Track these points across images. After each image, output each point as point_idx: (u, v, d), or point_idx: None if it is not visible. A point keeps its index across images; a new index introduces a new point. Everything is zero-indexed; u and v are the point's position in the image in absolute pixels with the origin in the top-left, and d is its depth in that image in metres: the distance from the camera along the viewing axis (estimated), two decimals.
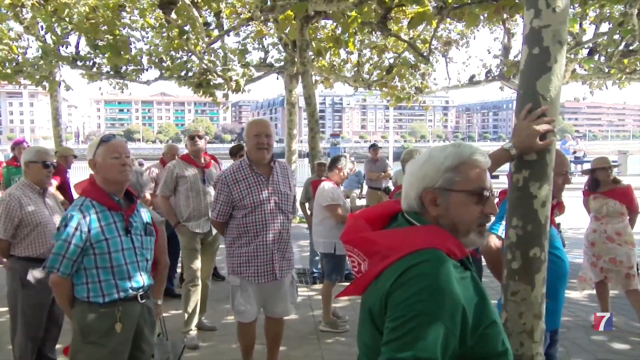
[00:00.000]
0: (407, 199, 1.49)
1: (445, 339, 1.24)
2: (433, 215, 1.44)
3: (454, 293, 1.28)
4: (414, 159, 1.54)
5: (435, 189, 1.43)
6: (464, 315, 1.28)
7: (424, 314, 1.24)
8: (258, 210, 3.54)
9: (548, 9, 2.01)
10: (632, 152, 35.21)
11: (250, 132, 3.63)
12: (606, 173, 5.21)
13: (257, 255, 3.55)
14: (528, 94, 2.03)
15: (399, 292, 1.30)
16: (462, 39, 12.48)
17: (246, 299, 3.62)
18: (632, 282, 5.01)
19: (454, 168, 1.43)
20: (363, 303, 1.48)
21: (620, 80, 10.89)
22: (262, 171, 3.63)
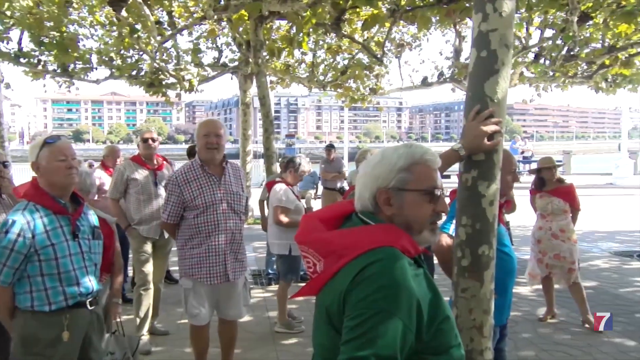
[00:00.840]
0: (361, 199, 1.51)
1: (403, 335, 1.26)
2: (387, 214, 1.47)
3: (410, 290, 1.30)
4: (367, 160, 1.55)
5: (389, 189, 1.45)
6: (419, 312, 1.31)
7: (382, 311, 1.26)
8: (210, 211, 3.50)
9: (495, 13, 2.07)
10: (575, 152, 36.79)
11: (200, 132, 3.60)
12: (551, 172, 5.41)
13: (209, 257, 3.51)
14: (476, 95, 2.09)
15: (357, 291, 1.31)
16: (415, 41, 12.69)
17: (199, 301, 3.57)
18: (574, 277, 5.23)
19: (406, 168, 1.46)
20: (319, 303, 1.49)
21: (563, 83, 11.33)
22: (214, 172, 3.60)
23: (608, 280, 6.93)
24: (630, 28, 8.66)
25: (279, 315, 5.25)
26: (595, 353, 4.54)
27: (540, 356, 4.52)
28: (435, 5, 6.40)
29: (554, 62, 9.90)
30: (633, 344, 4.75)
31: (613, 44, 9.65)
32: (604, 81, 11.60)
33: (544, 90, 11.89)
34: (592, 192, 17.65)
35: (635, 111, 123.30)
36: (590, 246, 9.07)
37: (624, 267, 7.67)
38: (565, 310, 5.57)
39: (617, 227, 11.05)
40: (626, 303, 5.94)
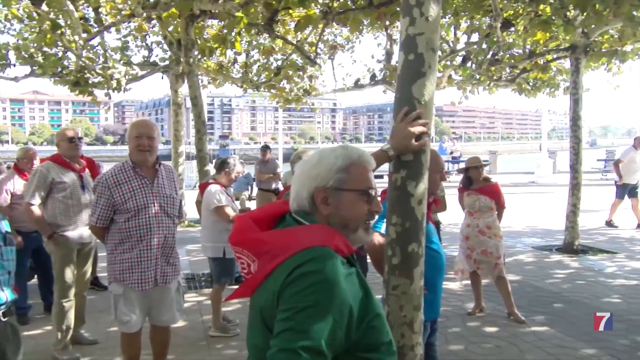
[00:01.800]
0: (297, 199, 1.52)
1: (332, 330, 1.28)
2: (324, 214, 1.49)
3: (342, 288, 1.32)
4: (304, 160, 1.56)
5: (327, 188, 1.48)
6: (350, 310, 1.33)
7: (313, 305, 1.28)
8: (142, 214, 3.39)
9: (422, 18, 2.13)
10: (501, 152, 38.52)
11: (131, 133, 3.47)
12: (478, 171, 5.63)
13: (140, 261, 3.40)
14: (404, 97, 2.14)
15: (290, 288, 1.32)
16: (348, 43, 12.87)
17: (130, 307, 3.44)
18: (499, 271, 5.47)
19: (344, 169, 1.50)
20: (253, 304, 1.48)
21: (489, 86, 11.85)
22: (147, 174, 3.48)
23: (530, 273, 7.30)
24: (546, 35, 9.17)
25: (213, 319, 5.16)
26: (520, 343, 4.77)
27: (470, 349, 4.70)
28: (367, 8, 6.51)
29: (480, 66, 10.33)
30: (552, 332, 5.03)
31: (532, 50, 10.19)
32: (526, 84, 12.24)
33: (471, 93, 12.37)
34: (516, 190, 18.56)
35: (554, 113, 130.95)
36: (514, 242, 9.52)
37: (544, 260, 8.11)
38: (492, 304, 5.81)
39: (539, 223, 11.67)
40: (546, 294, 6.28)
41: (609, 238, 9.88)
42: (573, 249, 8.54)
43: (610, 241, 9.55)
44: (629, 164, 10.76)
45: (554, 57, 10.48)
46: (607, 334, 4.91)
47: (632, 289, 6.46)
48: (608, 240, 9.62)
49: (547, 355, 4.50)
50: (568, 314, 5.56)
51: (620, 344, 4.72)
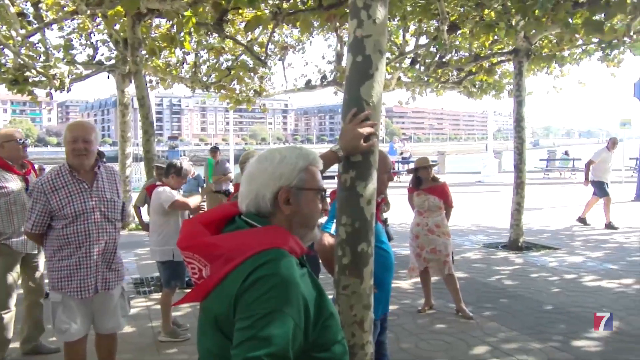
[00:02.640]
0: (257, 200, 1.50)
1: (294, 333, 1.29)
2: (286, 213, 1.50)
3: (299, 290, 1.33)
4: (262, 160, 1.54)
5: (291, 188, 1.49)
6: (307, 310, 1.35)
7: (273, 311, 1.28)
8: (80, 220, 3.25)
9: (369, 20, 2.16)
10: (449, 152, 39.49)
11: (67, 136, 3.30)
12: (427, 172, 5.75)
13: (79, 268, 3.26)
14: (353, 99, 2.16)
15: (249, 293, 1.31)
16: (299, 44, 12.88)
17: (69, 315, 3.30)
18: (448, 268, 5.61)
19: (305, 168, 1.52)
20: (205, 309, 1.46)
21: (437, 88, 12.12)
22: (85, 177, 3.33)
23: (478, 270, 7.52)
24: (490, 39, 9.47)
25: (163, 324, 5.05)
26: (468, 338, 4.90)
27: (420, 346, 4.78)
28: (317, 10, 6.54)
29: (428, 68, 10.56)
30: (498, 326, 5.19)
31: (478, 53, 10.50)
32: (472, 86, 12.60)
33: (420, 95, 12.62)
34: (464, 189, 19.06)
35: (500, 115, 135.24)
36: (462, 240, 9.78)
37: (491, 257, 8.36)
38: (442, 301, 5.94)
39: (485, 221, 12.03)
40: (493, 290, 6.48)
41: (550, 235, 10.29)
42: (518, 246, 8.85)
43: (552, 238, 9.95)
44: (601, 164, 10.92)
45: (498, 61, 10.83)
46: (549, 327, 5.12)
47: (571, 282, 6.75)
48: (550, 237, 10.02)
49: (493, 349, 4.64)
50: (513, 308, 5.76)
51: (559, 334, 4.92)
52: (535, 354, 4.51)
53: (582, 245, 9.15)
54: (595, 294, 6.21)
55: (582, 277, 6.99)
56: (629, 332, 4.98)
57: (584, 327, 5.11)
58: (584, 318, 5.36)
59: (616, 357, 4.42)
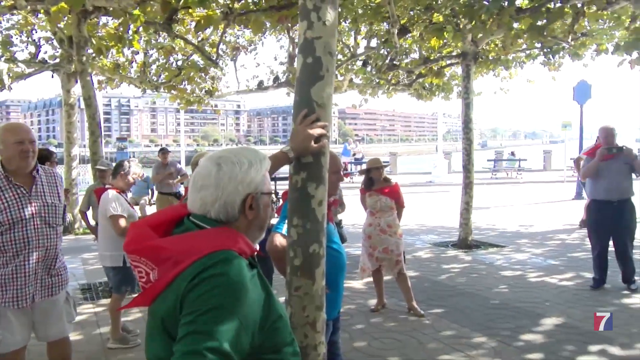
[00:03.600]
0: (225, 207, 1.46)
1: (238, 333, 1.27)
2: (250, 218, 1.48)
3: (247, 291, 1.32)
4: (230, 165, 1.47)
5: (256, 194, 1.48)
6: (255, 312, 1.34)
7: (218, 307, 1.26)
8: (18, 227, 3.06)
9: (319, 22, 2.17)
10: (400, 153, 40.11)
11: (8, 139, 3.10)
12: (379, 172, 5.82)
13: (16, 278, 3.08)
14: (303, 100, 2.16)
15: (194, 291, 1.29)
16: (251, 45, 12.79)
17: (6, 326, 3.12)
18: (400, 268, 5.70)
19: (264, 172, 1.51)
20: (153, 313, 1.43)
21: (388, 90, 12.30)
22: (22, 182, 3.15)
23: (429, 269, 7.67)
24: (440, 42, 9.69)
25: (112, 330, 4.91)
26: (419, 336, 4.99)
27: (373, 344, 4.84)
28: (268, 11, 6.52)
29: (379, 70, 10.70)
30: (449, 323, 5.31)
31: (427, 56, 10.72)
32: (422, 88, 12.85)
33: (371, 96, 12.77)
34: (415, 189, 19.42)
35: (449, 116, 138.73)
36: (414, 239, 9.96)
37: (441, 256, 8.55)
38: (394, 300, 6.03)
39: (436, 221, 12.29)
40: (443, 288, 6.63)
41: (498, 233, 10.62)
42: (467, 245, 9.08)
43: (499, 236, 10.27)
44: None
45: (447, 63, 11.10)
46: (496, 322, 5.28)
47: (517, 279, 6.99)
48: (497, 235, 10.33)
49: (444, 346, 4.74)
50: (462, 305, 5.90)
51: (506, 329, 5.08)
52: (485, 349, 4.65)
53: (527, 243, 9.48)
54: (539, 289, 6.45)
55: (527, 274, 7.24)
56: (570, 324, 5.20)
57: (529, 321, 5.31)
58: (529, 312, 5.56)
59: (558, 348, 4.61)
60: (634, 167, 6.24)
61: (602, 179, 6.25)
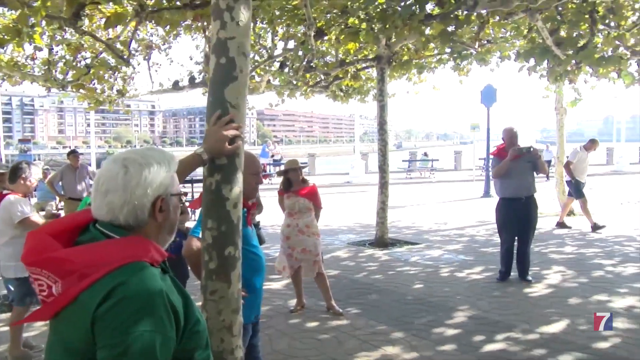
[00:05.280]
0: (134, 211, 1.39)
1: (168, 348, 1.26)
2: (159, 221, 1.43)
3: (166, 302, 1.28)
4: (138, 167, 1.41)
5: (166, 195, 1.44)
6: (177, 320, 1.31)
7: (144, 333, 1.22)
8: None
9: (233, 22, 2.14)
10: (319, 154, 40.56)
11: None
12: (296, 174, 5.84)
13: None
14: (217, 101, 2.13)
15: (111, 316, 1.23)
16: (165, 43, 12.40)
17: None
18: (319, 267, 5.75)
19: (173, 174, 1.47)
20: (56, 329, 1.35)
21: (305, 92, 12.38)
22: None
23: (347, 268, 7.80)
24: (356, 45, 9.90)
25: (10, 348, 4.56)
26: (338, 334, 5.07)
27: (293, 345, 4.85)
28: (182, 9, 6.35)
29: (296, 72, 10.75)
30: (366, 320, 5.43)
31: (344, 59, 10.91)
32: (339, 91, 13.05)
33: (289, 97, 12.80)
34: (333, 190, 19.71)
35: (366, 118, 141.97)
36: (332, 239, 10.09)
37: (359, 255, 8.72)
38: (313, 300, 6.07)
39: (354, 220, 12.53)
40: (361, 286, 6.77)
41: (413, 231, 11.00)
42: (383, 243, 9.33)
43: (414, 234, 10.64)
44: (579, 164, 10.47)
45: (363, 66, 11.34)
46: (411, 317, 5.47)
47: (431, 274, 7.27)
48: (412, 233, 10.70)
49: (362, 343, 4.84)
50: (380, 302, 6.06)
51: (421, 323, 5.28)
52: (401, 343, 4.79)
53: (440, 240, 9.90)
54: (451, 284, 6.75)
55: (441, 269, 7.56)
56: (479, 315, 5.49)
57: (443, 314, 5.54)
58: (442, 306, 5.81)
59: (469, 338, 4.85)
60: (537, 166, 6.70)
61: (511, 178, 6.64)
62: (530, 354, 4.51)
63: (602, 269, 7.27)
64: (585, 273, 7.06)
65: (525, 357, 4.46)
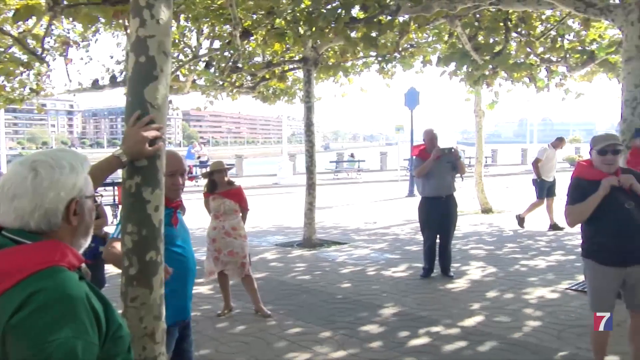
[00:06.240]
0: (47, 215, 1.33)
1: (92, 353, 1.21)
2: (74, 224, 1.38)
3: (88, 307, 1.24)
4: (49, 169, 1.34)
5: (80, 197, 1.38)
6: (99, 325, 1.26)
7: (67, 338, 1.17)
8: None
9: (152, 20, 2.08)
10: (247, 156, 40.24)
11: None
12: (222, 175, 5.76)
13: None
14: (136, 101, 2.06)
15: (28, 325, 1.17)
16: (83, 40, 11.84)
17: None
18: (246, 270, 5.70)
19: (86, 175, 1.42)
20: None
21: (232, 92, 12.24)
22: None
23: (275, 269, 7.79)
24: (282, 47, 9.91)
25: None
26: (266, 337, 5.05)
27: (220, 350, 4.78)
28: (101, 5, 6.09)
29: (222, 72, 10.59)
30: (295, 321, 5.45)
31: (271, 60, 10.88)
32: (266, 91, 13.00)
33: (215, 98, 12.61)
34: (261, 191, 19.62)
35: (294, 119, 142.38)
36: (260, 241, 10.03)
37: (287, 256, 8.73)
38: (241, 302, 6.01)
39: (282, 222, 12.53)
40: (289, 287, 6.78)
41: (340, 231, 11.14)
42: (311, 243, 9.39)
43: (341, 234, 10.78)
44: (546, 162, 10.22)
45: (289, 68, 11.37)
46: (339, 316, 5.55)
47: (358, 273, 7.40)
48: (340, 233, 10.84)
49: (290, 344, 4.85)
50: (308, 302, 6.09)
51: (349, 322, 5.36)
52: (329, 343, 4.84)
53: (367, 239, 10.09)
54: (378, 282, 6.90)
55: (367, 268, 7.71)
56: (404, 312, 5.65)
57: (369, 312, 5.66)
58: (369, 304, 5.93)
59: (394, 334, 4.98)
60: (456, 166, 6.99)
61: (432, 178, 6.89)
62: (452, 346, 4.70)
63: (517, 263, 7.70)
64: (502, 268, 7.44)
65: (447, 350, 4.64)
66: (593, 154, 3.75)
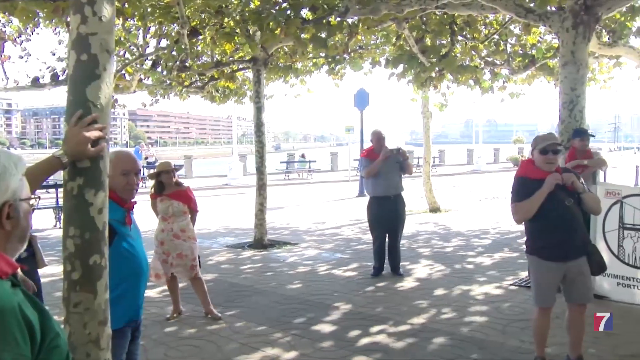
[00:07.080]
0: None
1: None
2: (8, 229, 1.31)
3: (19, 318, 1.18)
4: None
5: (14, 200, 1.32)
6: (32, 336, 1.21)
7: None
8: None
9: (95, 17, 2.02)
10: (196, 156, 39.64)
11: None
12: (169, 176, 5.64)
13: None
14: (78, 100, 2.00)
15: None
16: (20, 35, 11.34)
17: None
18: (196, 272, 5.61)
19: (21, 177, 1.35)
20: None
21: (180, 92, 12.02)
22: None
23: (225, 271, 7.71)
24: (232, 46, 9.81)
25: None
26: (217, 339, 4.98)
27: (169, 354, 4.68)
28: (41, 0, 5.87)
29: (170, 71, 10.38)
30: (245, 322, 5.40)
31: (220, 59, 10.76)
32: (215, 91, 12.83)
33: (162, 97, 12.35)
34: (211, 192, 19.37)
35: (244, 120, 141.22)
36: (210, 242, 9.90)
37: (238, 257, 8.65)
38: (191, 305, 5.91)
39: (232, 223, 12.40)
40: (240, 289, 6.72)
41: (291, 231, 11.14)
42: (262, 244, 9.34)
43: (292, 234, 10.78)
44: None
45: (239, 68, 11.27)
46: (290, 316, 5.55)
47: (309, 274, 7.43)
48: (291, 234, 10.84)
49: (241, 346, 4.80)
50: (259, 303, 6.06)
51: (300, 322, 5.37)
52: (280, 344, 4.83)
53: (317, 239, 10.13)
54: (329, 282, 6.94)
55: (318, 268, 7.74)
56: (355, 311, 5.71)
57: (321, 312, 5.68)
58: (320, 304, 5.96)
59: (345, 334, 5.03)
60: (404, 166, 7.12)
61: (380, 178, 6.99)
62: (401, 343, 4.78)
63: (463, 261, 7.92)
64: (449, 265, 7.64)
65: (397, 347, 4.72)
66: (535, 153, 3.92)
